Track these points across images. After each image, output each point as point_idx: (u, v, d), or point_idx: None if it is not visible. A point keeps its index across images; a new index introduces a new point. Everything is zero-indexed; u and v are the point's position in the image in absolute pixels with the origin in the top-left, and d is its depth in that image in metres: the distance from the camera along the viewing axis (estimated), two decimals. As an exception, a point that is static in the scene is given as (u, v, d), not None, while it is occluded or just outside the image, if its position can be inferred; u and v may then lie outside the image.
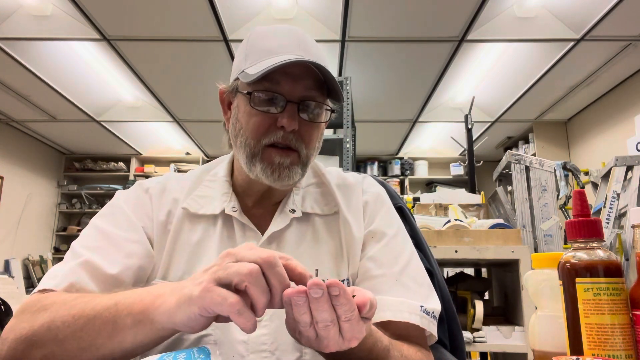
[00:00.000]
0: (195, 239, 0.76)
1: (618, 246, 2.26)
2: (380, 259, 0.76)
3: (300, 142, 0.74)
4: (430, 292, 0.76)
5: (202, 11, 2.88)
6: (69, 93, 4.08)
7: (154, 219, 0.78)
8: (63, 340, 0.57)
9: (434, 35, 3.18)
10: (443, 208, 2.18)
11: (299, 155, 0.74)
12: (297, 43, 0.74)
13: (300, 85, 0.72)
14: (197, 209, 0.78)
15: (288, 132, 0.72)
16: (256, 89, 0.73)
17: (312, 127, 0.75)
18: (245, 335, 0.69)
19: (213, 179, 0.83)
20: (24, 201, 5.23)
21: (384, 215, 0.82)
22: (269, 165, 0.73)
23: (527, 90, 4.01)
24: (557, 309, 0.58)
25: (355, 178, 0.87)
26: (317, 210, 0.81)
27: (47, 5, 2.90)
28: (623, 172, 2.33)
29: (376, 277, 0.74)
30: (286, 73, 0.71)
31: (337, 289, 0.48)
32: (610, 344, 0.51)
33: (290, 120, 0.71)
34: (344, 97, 2.47)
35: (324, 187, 0.84)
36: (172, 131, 5.20)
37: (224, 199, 0.79)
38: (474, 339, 1.76)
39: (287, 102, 0.72)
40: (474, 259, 1.83)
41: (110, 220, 0.76)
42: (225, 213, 0.78)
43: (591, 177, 2.81)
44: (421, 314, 0.70)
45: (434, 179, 6.04)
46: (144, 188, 0.82)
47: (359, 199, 0.83)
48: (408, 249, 0.80)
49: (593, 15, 2.93)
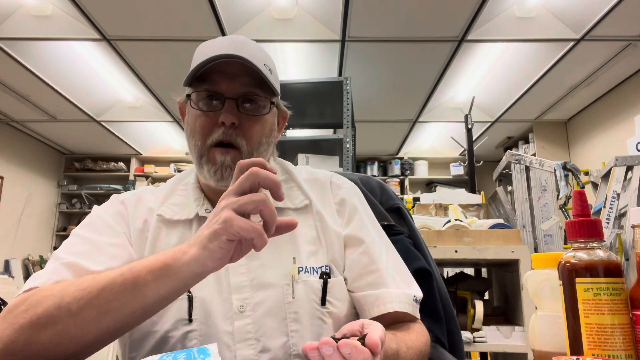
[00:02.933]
0: (172, 243, 0.78)
1: (618, 246, 2.26)
2: (372, 255, 0.80)
3: (241, 137, 0.76)
4: (411, 279, 0.82)
5: (202, 11, 2.88)
6: (69, 93, 4.08)
7: (130, 227, 0.80)
8: (77, 312, 0.58)
9: (434, 35, 3.18)
10: (443, 208, 2.18)
11: (240, 152, 0.77)
12: (233, 45, 0.76)
13: (237, 83, 0.76)
14: (172, 215, 0.81)
15: (228, 128, 0.75)
16: (196, 90, 0.77)
17: (253, 121, 0.78)
18: (230, 326, 0.72)
19: (185, 187, 0.86)
20: (24, 201, 5.23)
21: (360, 217, 0.85)
22: (213, 165, 0.76)
23: (527, 90, 4.01)
24: (557, 309, 0.58)
25: (324, 173, 0.90)
26: (288, 204, 0.83)
27: (47, 5, 2.90)
28: (623, 172, 2.32)
29: (375, 271, 0.79)
30: (224, 73, 0.75)
31: (349, 348, 0.51)
32: (610, 344, 0.51)
33: (227, 115, 0.74)
34: (347, 98, 2.47)
35: (292, 183, 0.86)
36: (172, 131, 5.20)
37: (196, 203, 0.82)
38: (474, 339, 1.76)
39: (226, 99, 0.75)
40: (474, 259, 1.83)
41: (91, 228, 0.78)
42: (199, 216, 0.80)
43: (591, 177, 2.81)
44: (413, 303, 0.78)
45: (434, 179, 6.04)
46: (120, 200, 0.84)
47: (329, 193, 0.86)
48: (385, 246, 0.84)
49: (593, 15, 2.93)
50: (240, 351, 0.71)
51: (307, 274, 0.76)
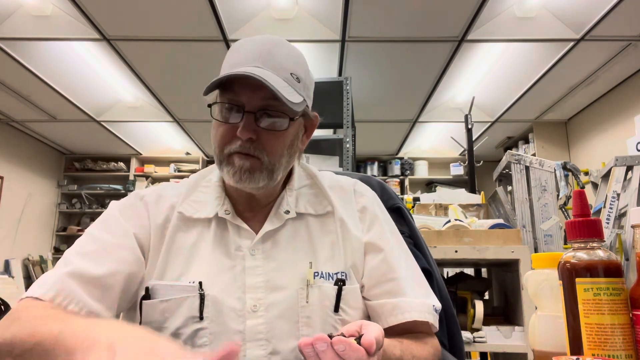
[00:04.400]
0: (190, 241, 0.79)
1: (618, 246, 2.26)
2: (391, 264, 0.80)
3: (260, 150, 0.75)
4: (429, 289, 0.82)
5: (202, 11, 2.88)
6: (69, 93, 4.08)
7: (150, 224, 0.80)
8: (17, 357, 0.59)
9: (434, 35, 3.18)
10: (443, 208, 2.18)
11: (260, 161, 0.76)
12: (259, 54, 0.75)
13: (257, 96, 0.74)
14: (192, 213, 0.81)
15: (245, 141, 0.74)
16: (219, 100, 0.77)
17: (272, 136, 0.76)
18: (241, 324, 0.73)
19: (207, 184, 0.86)
20: (24, 201, 5.23)
21: (381, 225, 0.85)
22: (231, 168, 0.76)
23: (527, 90, 4.01)
24: (557, 309, 0.58)
25: (347, 181, 0.91)
26: (310, 210, 0.83)
27: (47, 5, 2.90)
28: (623, 172, 2.32)
29: (394, 279, 0.79)
30: (245, 84, 0.74)
31: (343, 345, 0.51)
32: (610, 344, 0.51)
33: (244, 130, 0.73)
34: (347, 98, 2.47)
35: (316, 189, 0.87)
36: (172, 131, 5.20)
37: (217, 202, 0.82)
38: (474, 339, 1.76)
39: (245, 112, 0.74)
40: (474, 259, 1.83)
41: (102, 227, 0.79)
42: (218, 216, 0.81)
43: (591, 177, 2.81)
44: (433, 313, 0.78)
45: (434, 179, 6.04)
46: (139, 196, 0.85)
47: (352, 200, 0.87)
48: (404, 253, 0.85)
49: (593, 15, 2.93)
50: (250, 351, 0.71)
51: (322, 279, 0.77)
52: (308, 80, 0.82)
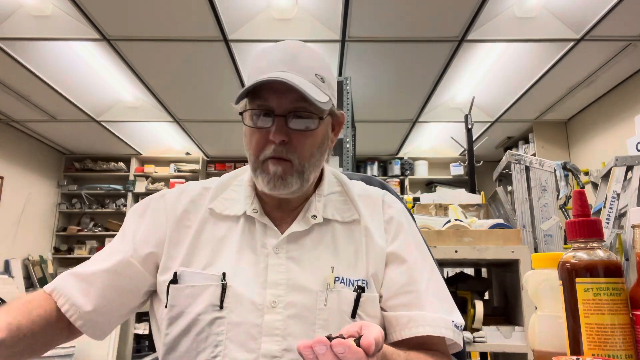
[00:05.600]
0: (219, 234, 0.83)
1: (618, 246, 2.26)
2: (412, 275, 0.81)
3: (292, 152, 0.78)
4: (452, 306, 0.82)
5: (202, 11, 2.88)
6: (69, 93, 4.08)
7: (167, 220, 0.85)
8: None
9: (434, 35, 3.18)
10: (443, 208, 2.18)
11: (292, 164, 0.78)
12: (284, 59, 0.78)
13: (286, 99, 0.76)
14: (222, 210, 0.85)
15: (278, 145, 0.77)
16: (249, 107, 0.79)
17: (304, 137, 0.79)
18: (259, 318, 0.75)
19: (239, 184, 0.90)
20: (24, 201, 5.23)
21: (406, 237, 0.86)
22: (266, 175, 0.78)
23: (527, 90, 4.01)
24: (557, 309, 0.58)
25: (376, 192, 0.92)
26: (337, 217, 0.86)
27: (47, 5, 2.90)
28: (623, 172, 2.32)
29: (412, 291, 0.80)
30: (273, 89, 0.76)
31: (342, 348, 0.52)
32: (610, 344, 0.51)
33: (277, 134, 0.76)
34: (347, 98, 2.47)
35: (345, 196, 0.89)
36: (172, 131, 5.20)
37: (247, 201, 0.85)
38: (474, 339, 1.76)
39: (275, 116, 0.77)
40: (474, 259, 1.83)
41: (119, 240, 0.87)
42: (247, 214, 0.84)
43: (591, 177, 2.81)
44: (453, 329, 0.77)
45: (434, 179, 6.04)
46: (162, 194, 0.91)
47: (380, 211, 0.88)
48: (428, 268, 0.85)
49: (593, 15, 2.93)
50: (265, 344, 0.73)
51: (342, 284, 0.79)
52: (331, 79, 0.84)
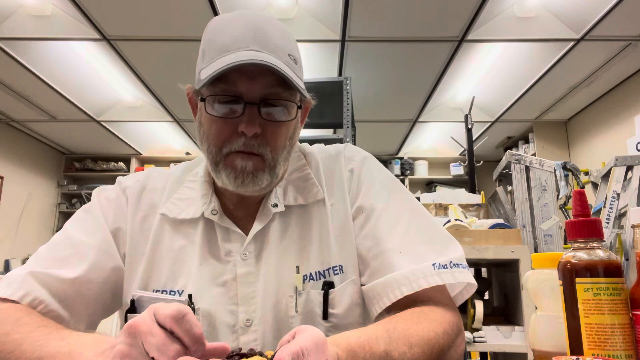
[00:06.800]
0: (177, 245, 0.73)
1: (618, 246, 2.26)
2: (376, 235, 0.72)
3: (264, 146, 0.68)
4: (443, 244, 0.72)
5: (202, 11, 2.88)
6: (69, 93, 4.08)
7: (128, 222, 0.76)
8: None
9: (434, 35, 3.18)
10: (443, 208, 2.18)
11: (263, 159, 0.68)
12: (253, 35, 0.66)
13: (259, 84, 0.65)
14: (177, 214, 0.75)
15: (250, 138, 0.66)
16: (213, 92, 0.66)
17: (278, 127, 0.68)
18: (234, 342, 0.69)
19: (194, 179, 0.79)
20: (24, 201, 5.23)
21: (370, 186, 0.77)
22: (232, 171, 0.68)
23: (527, 90, 4.01)
24: (557, 309, 0.58)
25: (336, 147, 0.83)
26: (300, 201, 0.76)
27: (47, 5, 2.90)
28: (623, 172, 2.32)
29: (378, 255, 0.71)
30: (242, 71, 0.65)
31: None
32: (610, 344, 0.51)
33: (249, 125, 0.65)
34: (347, 98, 2.47)
35: (307, 169, 0.79)
36: (172, 131, 5.20)
37: (203, 200, 0.75)
38: (474, 339, 1.76)
39: (246, 104, 0.65)
40: (474, 259, 1.83)
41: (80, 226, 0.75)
42: (205, 216, 0.74)
43: (591, 177, 2.81)
44: (438, 272, 0.66)
45: (434, 179, 6.03)
46: (122, 187, 0.79)
47: (342, 169, 0.79)
48: (405, 213, 0.74)
49: (593, 15, 2.93)
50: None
51: (312, 281, 0.72)
52: (301, 63, 0.73)
